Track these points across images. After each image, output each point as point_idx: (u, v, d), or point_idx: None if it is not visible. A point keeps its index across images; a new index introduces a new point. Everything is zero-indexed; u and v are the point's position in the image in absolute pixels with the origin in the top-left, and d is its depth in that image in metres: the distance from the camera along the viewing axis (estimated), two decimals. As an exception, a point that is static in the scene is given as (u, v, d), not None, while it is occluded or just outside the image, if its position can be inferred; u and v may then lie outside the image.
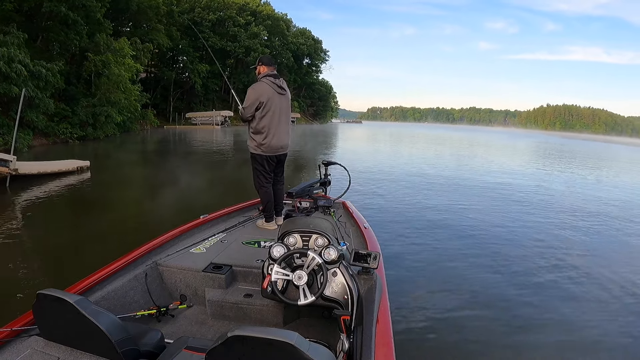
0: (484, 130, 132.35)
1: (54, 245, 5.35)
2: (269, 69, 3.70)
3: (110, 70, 22.60)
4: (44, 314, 1.68)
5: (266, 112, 3.61)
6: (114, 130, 24.01)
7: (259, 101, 3.57)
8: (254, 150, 3.75)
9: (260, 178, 3.81)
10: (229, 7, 49.08)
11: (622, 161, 27.22)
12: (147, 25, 34.07)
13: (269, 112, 3.63)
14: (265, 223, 3.85)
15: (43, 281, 4.04)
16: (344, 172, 5.07)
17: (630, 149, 51.92)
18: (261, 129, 3.65)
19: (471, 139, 47.42)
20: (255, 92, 3.58)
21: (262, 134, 3.66)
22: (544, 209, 8.45)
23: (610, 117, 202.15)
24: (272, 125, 3.67)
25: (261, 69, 3.73)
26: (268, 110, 3.62)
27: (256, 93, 3.58)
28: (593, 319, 3.75)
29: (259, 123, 3.64)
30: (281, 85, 3.70)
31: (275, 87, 3.64)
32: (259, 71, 3.74)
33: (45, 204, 7.46)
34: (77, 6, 20.17)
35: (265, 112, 3.61)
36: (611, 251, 5.98)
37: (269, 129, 3.65)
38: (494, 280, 4.51)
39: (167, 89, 42.71)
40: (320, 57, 69.73)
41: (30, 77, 15.87)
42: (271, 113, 3.64)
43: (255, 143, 3.71)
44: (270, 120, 3.65)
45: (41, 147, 17.82)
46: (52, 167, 10.03)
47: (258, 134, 3.67)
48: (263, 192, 3.84)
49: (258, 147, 3.71)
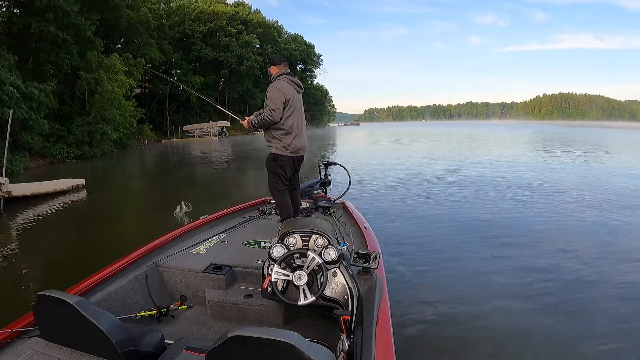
0: (482, 124, 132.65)
1: (47, 264, 5.27)
2: (281, 68, 3.57)
3: (103, 87, 22.53)
4: (45, 315, 1.69)
5: (292, 111, 3.48)
6: (110, 148, 23.89)
7: (286, 100, 3.42)
8: (281, 152, 3.56)
9: (279, 183, 3.65)
10: (219, 17, 49.20)
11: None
12: (138, 41, 34.09)
13: (295, 111, 3.50)
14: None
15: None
16: (344, 172, 5.05)
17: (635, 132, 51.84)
18: (289, 129, 3.50)
19: (469, 134, 47.42)
20: (281, 91, 3.42)
21: (290, 134, 3.51)
22: (551, 205, 8.14)
23: (607, 103, 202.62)
24: (297, 125, 3.54)
25: (271, 70, 3.60)
26: (294, 110, 3.49)
27: (281, 92, 3.42)
28: (603, 318, 3.56)
29: (285, 123, 3.48)
30: (298, 83, 3.59)
31: (294, 85, 3.52)
32: (270, 72, 3.60)
33: (40, 224, 7.32)
34: (66, 25, 20.15)
35: (292, 112, 3.48)
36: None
37: (295, 128, 3.52)
38: (495, 280, 4.40)
39: (162, 103, 42.72)
40: (314, 62, 69.80)
41: (23, 98, 15.82)
42: (296, 112, 3.52)
43: (281, 144, 3.53)
44: (295, 120, 3.52)
45: (38, 168, 17.72)
46: (46, 187, 9.88)
47: (286, 134, 3.51)
48: (279, 196, 3.69)
49: (285, 149, 3.54)
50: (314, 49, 67.99)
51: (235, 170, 16.29)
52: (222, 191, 11.09)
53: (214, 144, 34.35)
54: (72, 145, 20.96)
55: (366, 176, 11.79)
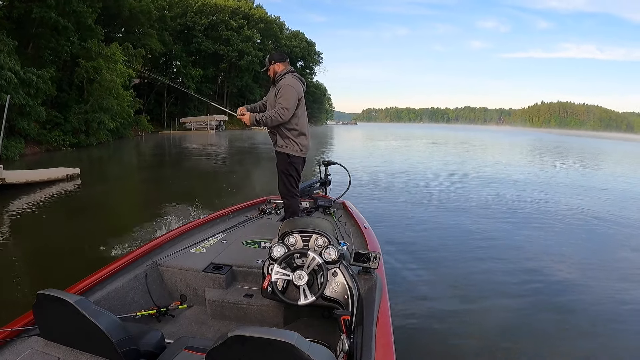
0: (478, 129, 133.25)
1: (38, 253, 5.27)
2: (286, 65, 3.46)
3: (102, 76, 22.34)
4: (44, 314, 1.68)
5: (302, 112, 3.41)
6: (107, 137, 23.72)
7: (299, 99, 3.34)
8: (297, 154, 3.44)
9: (293, 185, 3.54)
10: (222, 10, 48.98)
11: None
12: (139, 31, 33.84)
13: (304, 111, 3.44)
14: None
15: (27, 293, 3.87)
16: (344, 172, 5.05)
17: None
18: (302, 129, 3.42)
19: (468, 139, 47.55)
20: (296, 91, 3.32)
21: (304, 135, 3.43)
22: (550, 210, 8.24)
23: (605, 113, 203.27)
24: (306, 125, 3.47)
25: (277, 67, 3.43)
26: (304, 110, 3.43)
27: (296, 92, 3.32)
28: (605, 321, 3.63)
29: (298, 123, 3.39)
30: (304, 81, 3.52)
31: (302, 83, 3.43)
32: (275, 69, 3.44)
33: (33, 212, 7.27)
34: (67, 12, 19.94)
35: (302, 111, 3.41)
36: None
37: (305, 128, 3.45)
38: (496, 280, 4.44)
39: (161, 94, 42.40)
40: (314, 60, 69.62)
41: (21, 84, 15.62)
42: (305, 111, 3.46)
43: (297, 146, 3.42)
44: (304, 120, 3.46)
45: (33, 155, 17.58)
46: (40, 175, 9.81)
47: (300, 135, 3.42)
48: (292, 199, 3.57)
49: (300, 150, 3.44)
50: (314, 47, 67.86)
51: (234, 168, 16.24)
52: (216, 188, 11.06)
53: (211, 138, 34.17)
54: (68, 133, 20.82)
55: (366, 176, 11.79)
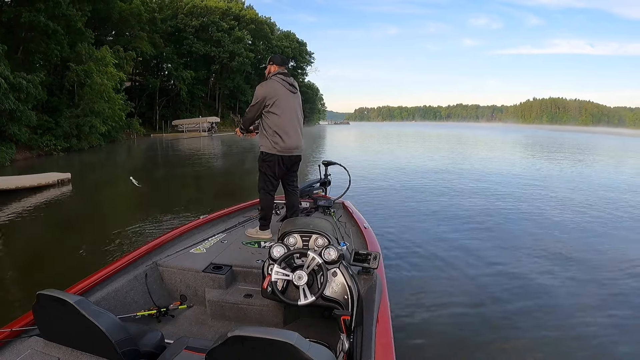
0: (469, 126, 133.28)
1: (27, 260, 5.28)
2: (280, 69, 3.54)
3: (92, 79, 22.15)
4: (44, 315, 1.69)
5: (281, 111, 3.44)
6: (98, 141, 23.59)
7: (266, 100, 3.40)
8: (269, 150, 3.51)
9: (267, 182, 3.60)
10: (212, 12, 48.73)
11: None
12: (129, 34, 33.64)
13: (283, 111, 3.45)
14: (259, 231, 3.58)
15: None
16: (344, 172, 5.04)
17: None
18: (276, 128, 3.45)
19: (460, 136, 47.66)
20: (264, 90, 3.41)
21: (277, 134, 3.47)
22: (549, 208, 8.26)
23: (597, 109, 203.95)
24: (286, 125, 3.48)
25: (272, 69, 3.55)
26: (283, 110, 3.44)
27: (264, 91, 3.41)
28: (600, 319, 3.68)
29: (273, 122, 3.45)
30: (292, 83, 3.54)
31: (286, 84, 3.47)
32: (269, 70, 3.56)
33: (21, 219, 7.21)
34: (56, 16, 19.82)
35: (281, 111, 3.43)
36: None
37: (283, 128, 3.47)
38: (496, 280, 4.44)
39: (152, 97, 42.13)
40: (306, 60, 69.46)
41: (11, 89, 15.49)
42: (286, 112, 3.47)
43: (269, 142, 3.49)
44: (283, 120, 3.47)
45: (25, 160, 17.42)
46: (30, 181, 9.73)
47: (274, 133, 3.47)
48: (264, 195, 3.62)
49: (273, 147, 3.49)
50: (306, 47, 67.72)
51: (230, 169, 16.18)
52: (212, 190, 11.10)
53: (203, 140, 33.98)
54: (59, 138, 20.65)
55: (367, 177, 11.80)
